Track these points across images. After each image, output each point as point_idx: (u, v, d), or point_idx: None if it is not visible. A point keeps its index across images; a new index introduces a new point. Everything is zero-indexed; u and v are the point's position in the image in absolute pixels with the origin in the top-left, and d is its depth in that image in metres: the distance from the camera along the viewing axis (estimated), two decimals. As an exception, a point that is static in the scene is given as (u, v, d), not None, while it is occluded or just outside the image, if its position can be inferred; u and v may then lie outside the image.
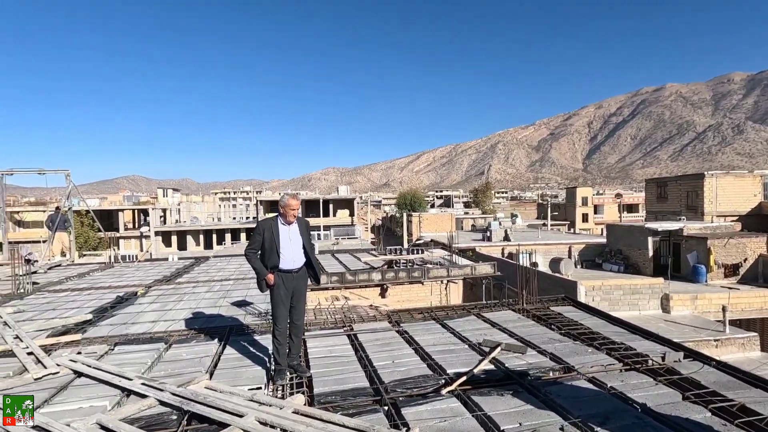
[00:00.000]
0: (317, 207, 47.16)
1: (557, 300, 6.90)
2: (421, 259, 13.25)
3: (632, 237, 20.84)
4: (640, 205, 57.05)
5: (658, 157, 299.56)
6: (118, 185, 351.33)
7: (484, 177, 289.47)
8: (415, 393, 3.59)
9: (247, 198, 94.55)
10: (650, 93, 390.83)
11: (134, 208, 52.82)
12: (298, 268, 4.08)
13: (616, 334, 5.05)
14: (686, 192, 26.19)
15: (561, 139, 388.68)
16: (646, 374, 3.83)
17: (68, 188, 16.54)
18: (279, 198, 4.18)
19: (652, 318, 13.97)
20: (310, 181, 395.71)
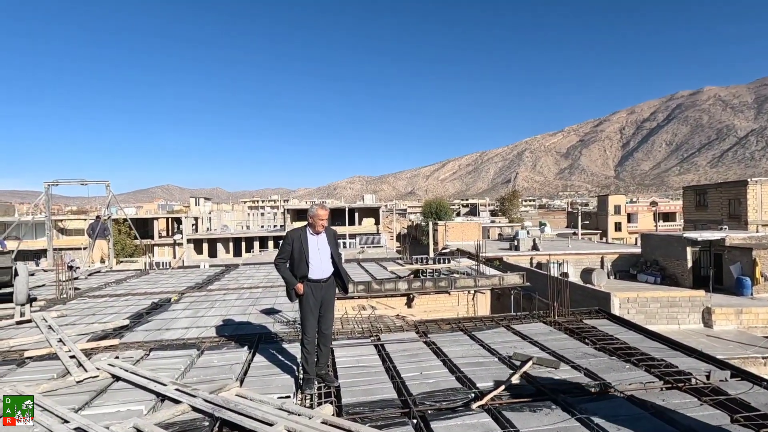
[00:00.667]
0: (343, 216, 47.57)
1: (591, 312, 6.67)
2: (448, 268, 13.11)
3: (669, 247, 19.97)
4: (677, 213, 54.72)
5: (696, 163, 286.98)
6: (153, 194, 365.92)
7: (510, 185, 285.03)
8: (445, 406, 3.52)
9: (274, 206, 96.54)
10: (686, 97, 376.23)
11: (168, 217, 54.81)
12: (327, 278, 4.12)
13: (655, 349, 4.83)
14: (728, 200, 24.96)
15: (591, 145, 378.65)
16: (690, 393, 3.63)
17: (108, 198, 17.35)
18: (308, 208, 4.24)
19: (692, 333, 13.28)
20: (335, 189, 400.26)
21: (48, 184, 16.36)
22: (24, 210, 46.77)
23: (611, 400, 3.57)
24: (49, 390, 3.92)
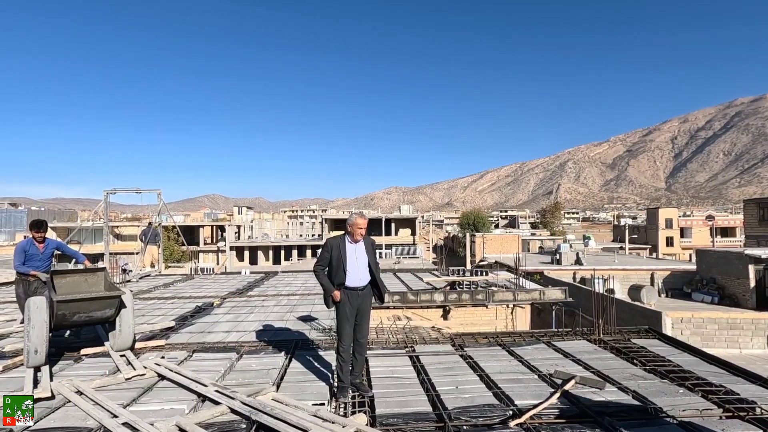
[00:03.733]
0: (379, 226, 47.77)
1: (639, 332, 6.28)
2: (485, 281, 12.82)
3: (729, 264, 18.55)
4: (738, 228, 50.88)
5: (759, 174, 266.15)
6: (200, 203, 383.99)
7: (552, 196, 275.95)
8: (481, 423, 3.42)
9: (313, 216, 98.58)
10: (747, 104, 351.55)
11: (213, 225, 57.24)
12: (364, 286, 4.14)
13: (713, 374, 4.47)
14: (796, 214, 22.92)
15: (639, 156, 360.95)
16: (754, 424, 3.32)
17: (159, 206, 18.39)
18: (345, 218, 4.30)
19: (756, 358, 12.21)
20: (372, 200, 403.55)
21: (107, 192, 17.57)
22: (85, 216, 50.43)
23: (662, 426, 3.33)
24: (101, 386, 4.16)
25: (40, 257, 5.90)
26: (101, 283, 5.38)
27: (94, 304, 4.93)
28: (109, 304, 5.02)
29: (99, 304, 4.95)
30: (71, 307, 4.80)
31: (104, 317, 5.04)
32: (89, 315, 4.93)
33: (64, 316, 4.81)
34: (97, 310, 4.95)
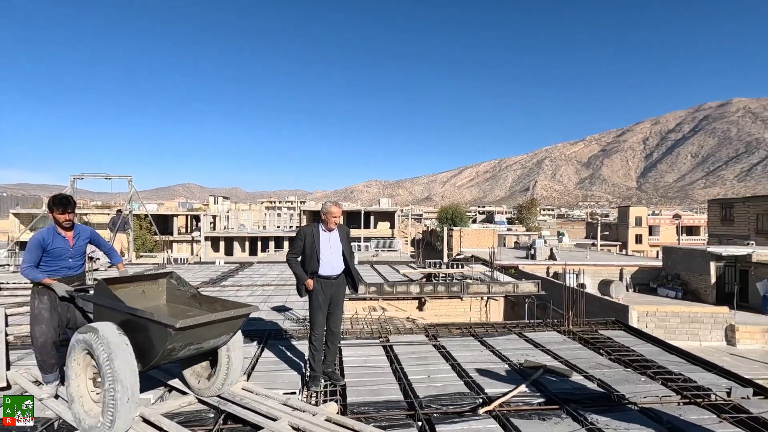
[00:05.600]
0: (358, 218, 47.68)
1: (607, 323, 6.49)
2: (461, 273, 12.98)
3: (692, 261, 19.36)
4: (702, 227, 53.07)
5: (723, 176, 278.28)
6: (174, 192, 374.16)
7: (529, 193, 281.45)
8: (451, 410, 3.46)
9: (291, 207, 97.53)
10: (714, 108, 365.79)
11: (187, 214, 55.86)
12: (337, 275, 4.11)
13: (673, 363, 4.66)
14: (756, 214, 24.09)
15: (613, 155, 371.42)
16: (709, 410, 3.48)
17: (130, 193, 17.79)
18: (321, 205, 4.25)
19: (714, 350, 12.81)
20: (352, 192, 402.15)
21: (74, 177, 16.87)
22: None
23: (624, 412, 3.44)
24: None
25: (70, 253, 3.67)
26: (163, 295, 3.79)
27: (214, 329, 3.11)
28: (231, 327, 3.26)
29: (219, 328, 3.15)
30: (188, 337, 2.96)
31: (213, 347, 3.30)
32: (199, 346, 3.16)
33: (171, 353, 2.99)
34: (212, 338, 3.18)
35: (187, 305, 3.67)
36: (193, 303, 3.65)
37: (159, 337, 2.88)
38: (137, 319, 2.96)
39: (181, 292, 3.74)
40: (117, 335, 2.89)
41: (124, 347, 2.85)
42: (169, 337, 2.82)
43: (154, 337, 2.91)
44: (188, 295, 3.69)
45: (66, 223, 3.66)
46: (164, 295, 3.84)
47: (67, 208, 3.64)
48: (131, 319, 2.99)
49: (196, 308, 3.58)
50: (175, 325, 2.72)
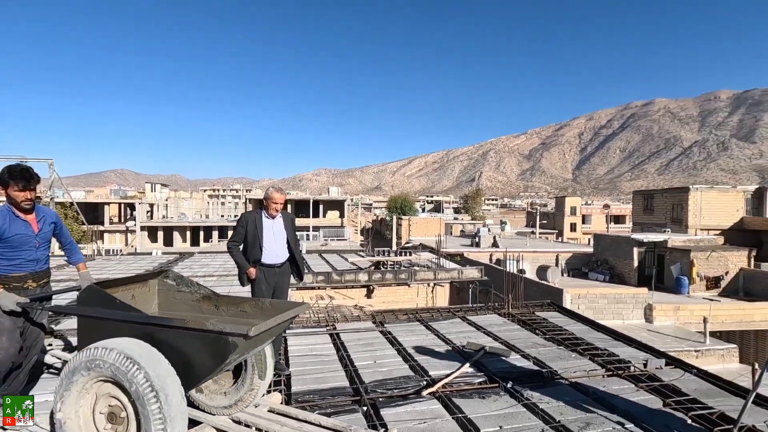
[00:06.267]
0: (307, 207, 46.91)
1: (543, 305, 6.89)
2: (409, 261, 13.21)
3: (618, 247, 21.08)
4: (627, 216, 57.89)
5: (646, 170, 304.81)
6: (105, 179, 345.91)
7: (475, 183, 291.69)
8: (396, 394, 3.51)
9: (236, 196, 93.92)
10: (639, 107, 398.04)
11: (121, 202, 52.03)
12: (281, 263, 4.00)
13: (600, 340, 5.05)
14: (672, 205, 26.62)
15: (552, 148, 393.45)
16: (628, 380, 3.81)
17: (51, 178, 16.19)
18: (264, 192, 4.09)
19: (635, 327, 14.09)
20: (301, 181, 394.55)
21: (-18, 160, 15.02)
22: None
23: (556, 386, 3.68)
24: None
25: (34, 241, 2.87)
26: (154, 299, 3.17)
27: (265, 334, 2.52)
28: (280, 330, 2.83)
29: (269, 333, 2.59)
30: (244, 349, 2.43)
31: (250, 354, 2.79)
32: (243, 357, 2.71)
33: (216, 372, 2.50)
34: (258, 345, 2.67)
35: (195, 310, 3.05)
36: (205, 306, 3.03)
37: (212, 354, 2.27)
38: (177, 332, 2.27)
39: (183, 294, 3.12)
40: (161, 359, 2.23)
41: (173, 376, 2.21)
42: (231, 351, 2.23)
43: (201, 355, 2.29)
44: (196, 296, 3.07)
45: (26, 204, 2.80)
46: (155, 300, 3.17)
47: (29, 183, 2.77)
48: (160, 334, 2.32)
49: (210, 312, 3.00)
50: (247, 333, 2.14)
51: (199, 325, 2.26)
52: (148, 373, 2.14)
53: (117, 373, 2.17)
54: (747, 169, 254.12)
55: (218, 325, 2.24)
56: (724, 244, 20.85)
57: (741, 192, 25.62)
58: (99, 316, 2.49)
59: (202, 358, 2.31)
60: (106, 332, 2.42)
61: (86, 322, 2.57)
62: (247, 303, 2.96)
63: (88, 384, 2.31)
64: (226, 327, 2.22)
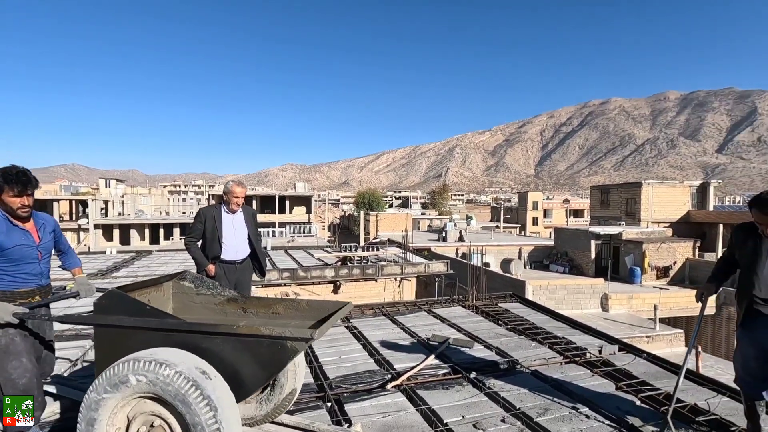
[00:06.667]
0: (273, 203, 46.02)
1: (505, 297, 7.07)
2: (376, 256, 13.23)
3: (577, 240, 21.98)
4: (586, 210, 60.40)
5: (603, 166, 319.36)
6: (55, 174, 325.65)
7: (441, 179, 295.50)
8: (360, 388, 3.50)
9: (199, 192, 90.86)
10: (597, 106, 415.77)
11: (72, 199, 49.10)
12: (242, 259, 3.89)
13: (559, 328, 5.23)
14: (626, 199, 28.00)
15: (515, 145, 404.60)
16: (584, 366, 3.97)
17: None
18: (224, 186, 3.96)
19: (593, 316, 14.77)
20: (267, 177, 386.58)
21: None
22: None
23: (517, 375, 3.79)
24: None
25: (36, 253, 2.57)
26: (169, 302, 2.94)
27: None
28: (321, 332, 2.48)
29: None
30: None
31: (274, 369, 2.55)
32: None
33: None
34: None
35: (218, 313, 2.82)
36: (230, 309, 2.80)
37: (266, 362, 2.05)
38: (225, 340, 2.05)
39: (204, 297, 2.88)
40: (212, 371, 2.00)
41: (227, 390, 1.99)
42: (289, 358, 2.02)
43: (253, 364, 2.06)
44: (219, 299, 2.85)
45: (23, 211, 2.47)
46: (170, 304, 2.92)
47: (26, 187, 2.43)
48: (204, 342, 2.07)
49: (237, 316, 2.77)
50: (310, 336, 1.93)
51: (253, 330, 2.03)
52: (203, 388, 1.88)
53: (165, 389, 1.89)
54: (693, 166, 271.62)
55: (276, 329, 2.01)
56: (672, 236, 22.20)
57: (687, 187, 27.32)
58: (135, 326, 2.15)
59: (254, 367, 2.07)
60: (135, 343, 2.12)
61: (108, 333, 2.23)
62: (279, 304, 2.76)
63: (126, 399, 2.01)
64: (286, 331, 1.99)
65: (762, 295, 2.49)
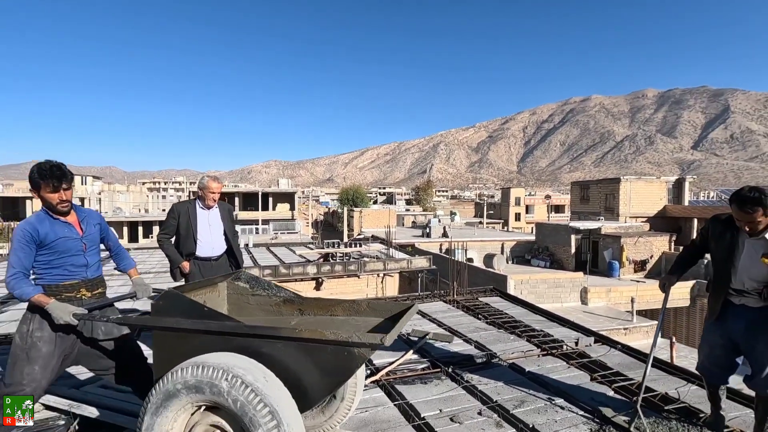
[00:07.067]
0: (256, 200, 45.49)
1: (486, 291, 7.13)
2: (359, 252, 13.20)
3: (558, 235, 22.36)
4: (566, 206, 61.51)
5: (583, 162, 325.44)
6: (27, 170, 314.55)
7: (426, 175, 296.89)
8: (339, 384, 3.48)
9: (179, 189, 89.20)
10: (578, 103, 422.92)
11: (46, 196, 47.53)
12: (218, 256, 3.81)
13: (537, 322, 5.30)
14: (605, 195, 28.59)
15: (498, 141, 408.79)
16: (561, 358, 4.03)
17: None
18: (198, 180, 3.87)
19: (572, 309, 15.05)
20: (250, 173, 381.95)
21: None
22: None
23: (495, 368, 3.82)
24: None
25: (81, 244, 2.47)
26: (224, 303, 2.83)
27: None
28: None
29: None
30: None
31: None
32: None
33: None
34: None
35: (274, 315, 2.69)
36: (286, 310, 2.67)
37: (332, 370, 1.91)
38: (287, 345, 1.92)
39: (259, 297, 2.77)
40: (275, 379, 1.89)
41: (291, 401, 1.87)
42: (357, 365, 1.89)
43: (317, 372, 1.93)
44: (275, 300, 2.72)
45: (63, 206, 2.38)
46: (225, 305, 2.80)
47: (61, 182, 2.33)
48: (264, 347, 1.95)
49: (293, 317, 2.64)
50: (380, 342, 1.79)
51: (317, 335, 1.88)
52: (267, 398, 1.76)
53: (227, 398, 1.78)
54: (669, 162, 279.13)
55: (341, 333, 1.87)
56: (649, 230, 22.76)
57: (664, 182, 28.05)
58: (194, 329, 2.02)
59: (318, 374, 1.92)
60: (194, 348, 2.02)
61: (166, 336, 2.12)
62: (338, 305, 2.61)
63: (182, 412, 1.91)
64: (353, 336, 1.84)
65: (737, 287, 2.55)
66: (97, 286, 2.58)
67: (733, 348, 2.62)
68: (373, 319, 2.50)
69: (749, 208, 2.32)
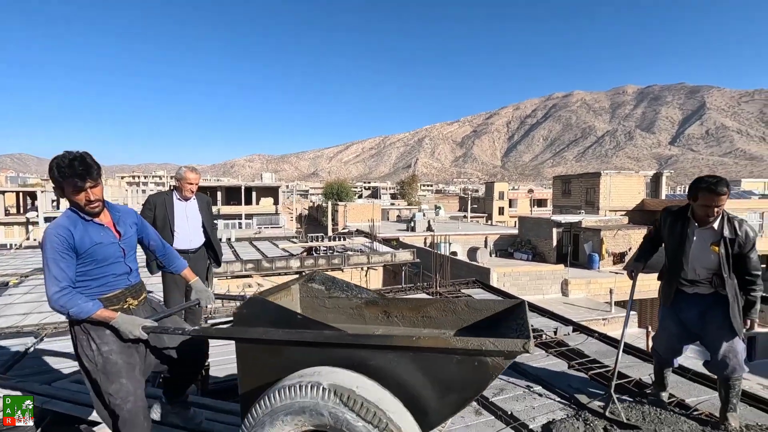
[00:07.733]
0: (239, 194, 44.86)
1: (468, 283, 7.20)
2: (343, 246, 13.16)
3: (540, 228, 22.70)
4: (549, 200, 62.44)
5: (565, 157, 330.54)
6: (0, 164, 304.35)
7: (411, 170, 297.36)
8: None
9: (160, 183, 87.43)
10: (560, 98, 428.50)
11: (19, 191, 46.03)
12: (196, 249, 3.74)
13: (518, 312, 5.38)
14: (586, 189, 29.09)
15: (483, 136, 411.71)
16: (540, 347, 4.10)
17: None
18: (176, 172, 3.79)
19: (553, 301, 15.34)
20: (233, 167, 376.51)
21: None
22: None
23: (476, 357, 3.86)
24: None
25: (120, 249, 2.16)
26: (297, 307, 2.57)
27: None
28: None
29: None
30: None
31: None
32: None
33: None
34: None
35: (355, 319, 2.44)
36: (370, 313, 2.41)
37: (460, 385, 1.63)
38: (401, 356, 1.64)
39: (337, 300, 2.51)
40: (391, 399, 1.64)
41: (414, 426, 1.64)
42: (491, 377, 1.60)
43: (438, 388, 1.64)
44: (356, 302, 2.47)
45: (93, 207, 2.02)
46: (298, 309, 2.52)
47: (85, 179, 1.94)
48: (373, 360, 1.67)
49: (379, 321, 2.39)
50: (522, 349, 1.53)
51: (442, 343, 1.61)
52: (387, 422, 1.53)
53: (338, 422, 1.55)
54: (648, 157, 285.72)
55: (472, 340, 1.57)
56: (628, 224, 23.30)
57: (642, 177, 28.67)
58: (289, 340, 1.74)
59: (440, 390, 1.63)
60: (287, 361, 1.77)
61: (253, 349, 1.82)
62: (431, 305, 2.29)
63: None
64: (487, 343, 1.55)
65: (688, 277, 2.66)
66: (140, 292, 2.29)
67: (688, 336, 2.80)
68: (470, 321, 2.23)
69: (722, 188, 2.46)
